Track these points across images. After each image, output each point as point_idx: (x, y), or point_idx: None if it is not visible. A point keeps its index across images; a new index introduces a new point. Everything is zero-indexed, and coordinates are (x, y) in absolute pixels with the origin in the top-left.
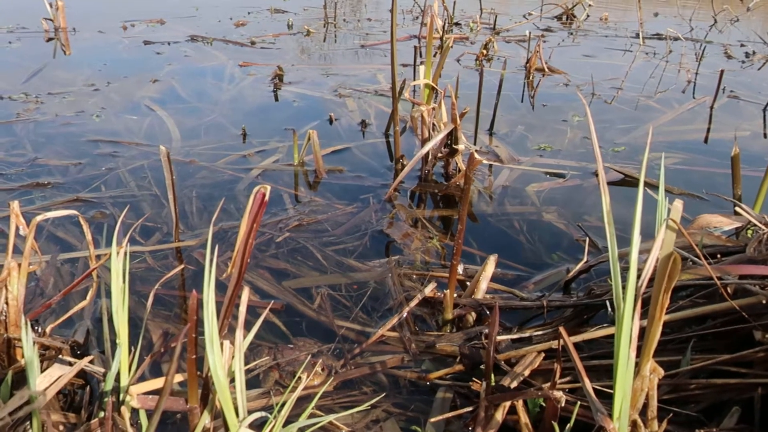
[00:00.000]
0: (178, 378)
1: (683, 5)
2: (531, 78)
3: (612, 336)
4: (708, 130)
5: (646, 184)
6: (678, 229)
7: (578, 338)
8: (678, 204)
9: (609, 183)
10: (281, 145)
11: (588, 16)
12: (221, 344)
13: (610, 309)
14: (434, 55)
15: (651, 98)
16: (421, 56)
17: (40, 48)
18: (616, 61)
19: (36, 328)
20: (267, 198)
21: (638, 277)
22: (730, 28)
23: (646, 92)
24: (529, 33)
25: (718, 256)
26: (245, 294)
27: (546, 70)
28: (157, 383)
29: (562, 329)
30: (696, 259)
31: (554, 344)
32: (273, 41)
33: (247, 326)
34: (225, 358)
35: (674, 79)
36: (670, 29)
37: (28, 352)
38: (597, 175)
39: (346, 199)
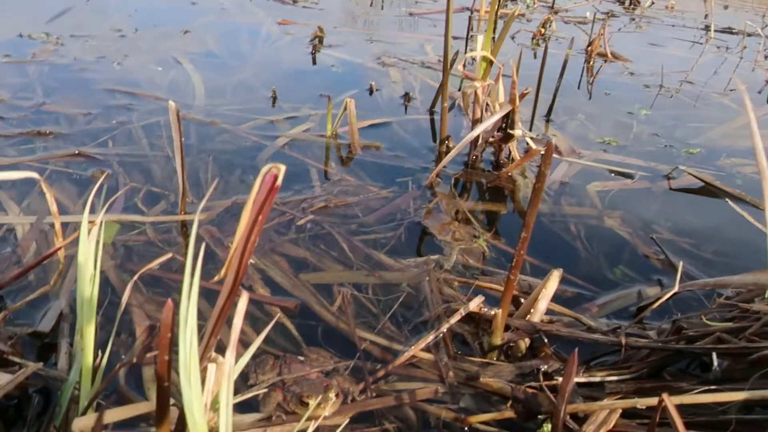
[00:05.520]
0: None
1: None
2: (592, 63)
3: (725, 404)
4: None
5: (731, 196)
6: None
7: (676, 400)
8: None
9: (685, 190)
10: (314, 113)
11: (653, 2)
12: (205, 368)
13: (715, 363)
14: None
15: (726, 96)
16: (472, 30)
17: None
18: (684, 53)
19: None
20: (280, 182)
21: None
22: None
23: (718, 89)
24: (594, 14)
25: None
26: (243, 302)
27: (609, 55)
28: (123, 412)
29: (666, 396)
30: None
31: (640, 403)
32: (317, 1)
33: (255, 326)
34: (208, 387)
35: (749, 78)
36: (749, 22)
37: None
38: (669, 179)
39: (382, 181)
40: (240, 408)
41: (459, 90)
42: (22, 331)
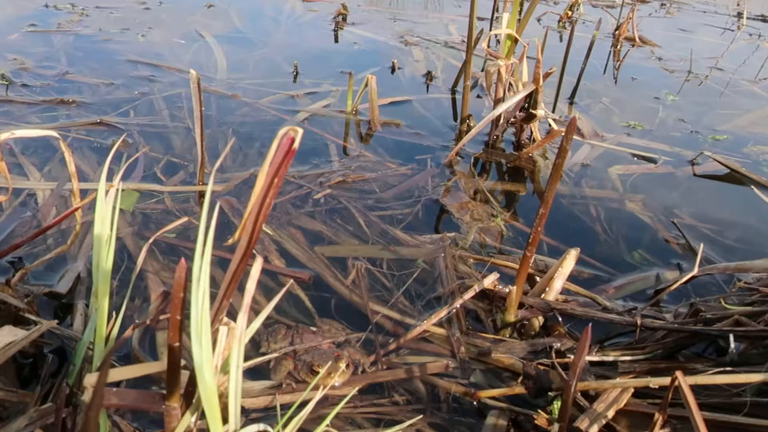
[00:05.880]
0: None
1: None
2: (619, 47)
3: (740, 385)
4: None
5: (756, 183)
6: None
7: (690, 380)
8: None
9: (709, 177)
10: (334, 89)
11: None
12: (216, 331)
13: (732, 345)
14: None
15: (756, 84)
16: (497, 12)
17: None
18: (714, 40)
19: (13, 270)
20: (297, 144)
21: None
22: None
23: (749, 76)
24: None
25: None
26: (257, 267)
27: (637, 40)
28: (134, 370)
29: (679, 374)
30: None
31: (653, 382)
32: None
33: (269, 296)
34: (219, 349)
35: None
36: None
37: None
38: (693, 165)
39: (400, 157)
40: (251, 375)
41: (482, 70)
42: (39, 290)
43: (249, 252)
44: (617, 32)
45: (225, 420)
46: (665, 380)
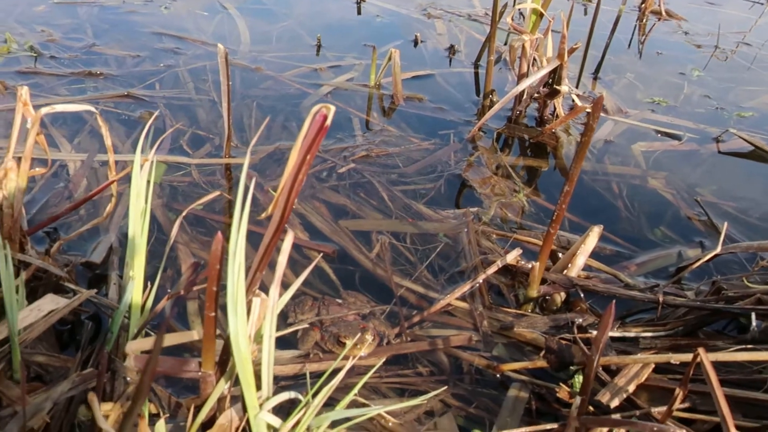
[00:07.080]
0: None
1: None
2: (645, 21)
3: (760, 363)
4: None
5: None
6: None
7: (711, 357)
8: None
9: (734, 154)
10: (357, 63)
11: None
12: (249, 302)
13: (754, 323)
14: None
15: None
16: None
17: None
18: (742, 13)
19: (49, 240)
20: (329, 122)
21: None
22: None
23: None
24: None
25: None
26: (288, 240)
27: (663, 13)
28: (171, 338)
29: (701, 351)
30: None
31: (674, 358)
32: None
33: (294, 269)
34: (252, 319)
35: None
36: None
37: (6, 280)
38: (718, 142)
39: (423, 132)
40: (280, 344)
41: (505, 45)
42: (77, 260)
43: (282, 227)
44: (643, 5)
45: (258, 387)
46: (686, 356)
